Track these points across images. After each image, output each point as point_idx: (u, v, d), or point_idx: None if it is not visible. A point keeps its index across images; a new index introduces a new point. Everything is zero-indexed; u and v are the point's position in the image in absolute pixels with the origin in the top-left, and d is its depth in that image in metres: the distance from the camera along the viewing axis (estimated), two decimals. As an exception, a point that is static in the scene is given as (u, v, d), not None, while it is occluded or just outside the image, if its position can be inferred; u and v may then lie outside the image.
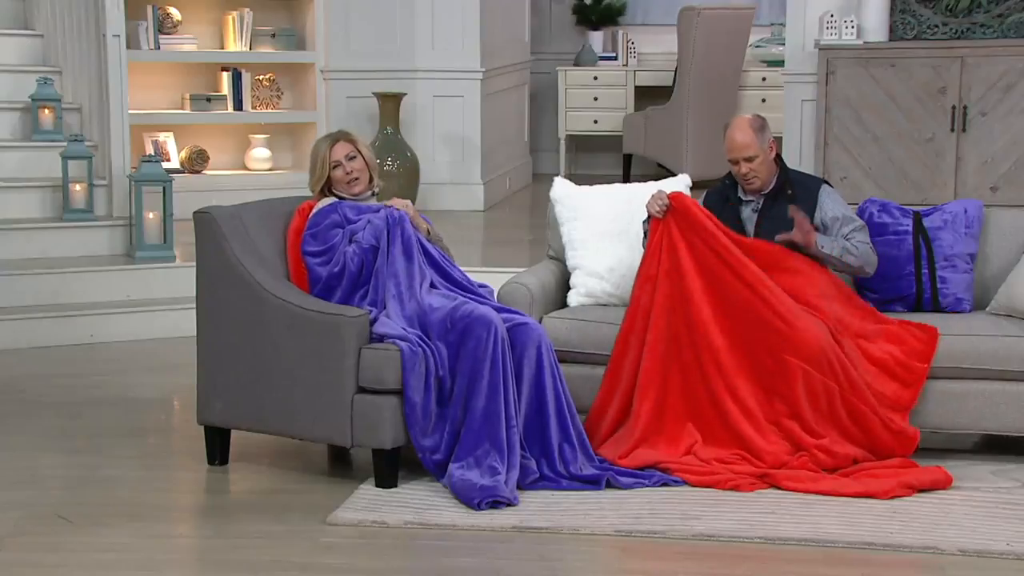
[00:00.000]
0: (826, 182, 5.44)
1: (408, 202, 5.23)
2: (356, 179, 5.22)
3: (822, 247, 5.19)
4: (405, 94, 9.51)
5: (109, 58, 7.75)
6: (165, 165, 7.99)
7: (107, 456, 5.33)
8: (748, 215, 5.35)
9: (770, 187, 5.32)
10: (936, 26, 9.04)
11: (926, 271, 5.39)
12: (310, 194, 5.32)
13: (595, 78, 11.69)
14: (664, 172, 10.08)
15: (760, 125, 5.29)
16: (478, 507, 4.64)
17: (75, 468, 5.22)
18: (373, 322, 4.92)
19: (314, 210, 5.18)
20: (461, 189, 9.89)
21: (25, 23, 8.70)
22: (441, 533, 4.52)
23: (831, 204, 5.31)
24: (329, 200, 5.22)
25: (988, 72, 8.77)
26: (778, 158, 5.35)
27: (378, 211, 5.13)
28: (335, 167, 5.21)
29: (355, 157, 5.23)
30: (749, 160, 5.25)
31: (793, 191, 5.31)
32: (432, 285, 5.07)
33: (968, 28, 8.97)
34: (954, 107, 8.79)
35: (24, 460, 5.29)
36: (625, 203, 5.59)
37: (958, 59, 8.80)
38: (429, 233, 5.22)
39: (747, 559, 4.33)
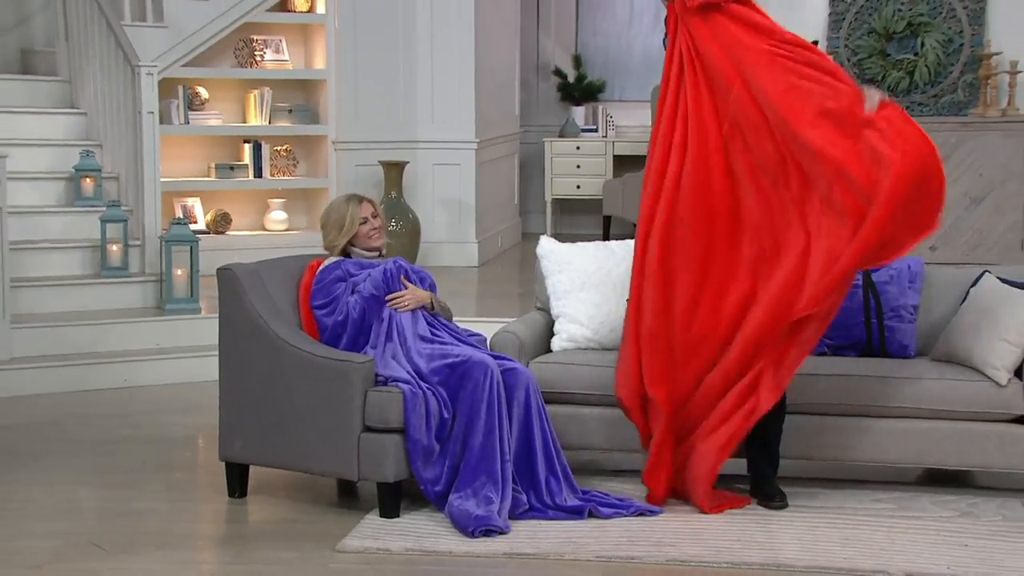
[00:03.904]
0: None
1: (417, 293, 5.09)
2: (379, 233, 5.21)
3: None
4: (408, 162, 9.51)
5: (144, 132, 7.76)
6: (192, 227, 7.97)
7: (138, 490, 5.28)
8: None
9: None
10: (879, 102, 9.07)
11: (875, 321, 5.37)
12: (321, 252, 5.28)
13: (578, 148, 11.71)
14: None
15: None
16: (472, 535, 4.59)
17: (109, 501, 5.17)
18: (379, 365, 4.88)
19: (320, 268, 5.15)
20: (458, 247, 9.87)
21: (71, 103, 8.71)
22: (439, 559, 4.46)
23: None
24: (334, 259, 5.19)
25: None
26: None
27: (378, 267, 5.10)
28: (363, 223, 5.18)
29: (377, 215, 5.23)
30: None
31: None
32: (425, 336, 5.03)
33: (907, 107, 9.02)
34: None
35: (64, 493, 5.24)
36: (603, 258, 5.58)
37: (898, 132, 8.82)
38: (433, 307, 5.14)
39: (715, 582, 4.28)
